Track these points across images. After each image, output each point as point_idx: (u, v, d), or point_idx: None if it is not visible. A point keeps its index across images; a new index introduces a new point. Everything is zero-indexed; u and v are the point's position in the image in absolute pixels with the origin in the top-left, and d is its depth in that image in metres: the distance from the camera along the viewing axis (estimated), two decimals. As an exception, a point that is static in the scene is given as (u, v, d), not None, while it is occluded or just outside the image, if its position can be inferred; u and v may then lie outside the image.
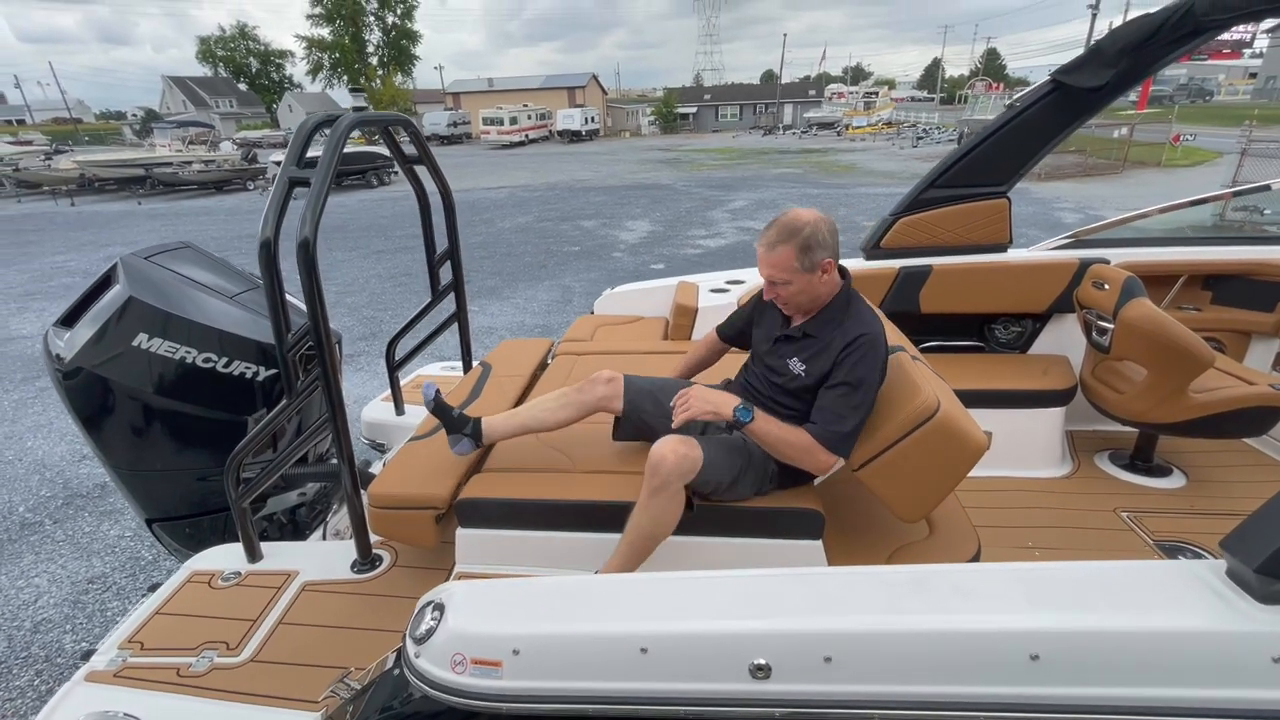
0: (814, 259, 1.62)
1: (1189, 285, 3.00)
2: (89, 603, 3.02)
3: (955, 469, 1.52)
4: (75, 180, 20.61)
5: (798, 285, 1.67)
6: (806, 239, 1.61)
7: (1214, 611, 0.92)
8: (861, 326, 1.66)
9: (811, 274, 1.65)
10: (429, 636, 1.11)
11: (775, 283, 1.69)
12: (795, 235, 1.62)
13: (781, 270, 1.65)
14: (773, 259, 1.66)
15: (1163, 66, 2.48)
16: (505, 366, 2.70)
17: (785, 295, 1.71)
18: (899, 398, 1.60)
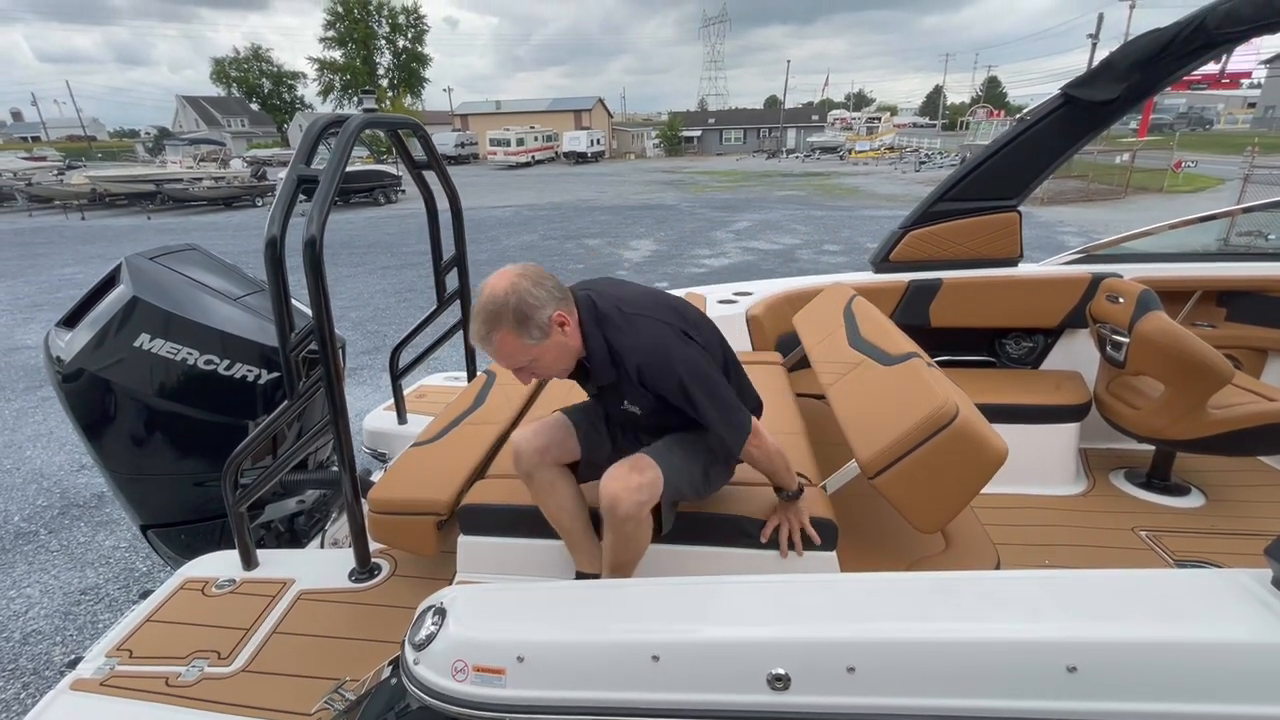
0: (540, 324, 1.37)
1: (1203, 301, 2.97)
2: (80, 614, 2.95)
3: (974, 478, 1.47)
4: (86, 195, 20.87)
5: (545, 358, 1.44)
6: (517, 312, 1.35)
7: (1262, 622, 0.87)
8: (635, 354, 1.43)
9: (546, 340, 1.40)
10: (429, 642, 1.06)
11: (523, 369, 1.46)
12: (503, 316, 1.36)
13: (517, 357, 1.42)
14: (499, 352, 1.41)
15: (1174, 81, 2.47)
16: (510, 375, 2.66)
17: (542, 372, 1.49)
18: (915, 403, 1.56)
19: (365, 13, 56.40)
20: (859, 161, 37.27)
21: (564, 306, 1.42)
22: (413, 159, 2.36)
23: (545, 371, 1.49)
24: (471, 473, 1.94)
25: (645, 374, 1.43)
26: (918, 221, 2.96)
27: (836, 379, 2.03)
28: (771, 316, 2.98)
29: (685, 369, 1.42)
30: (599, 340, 1.47)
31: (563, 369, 1.51)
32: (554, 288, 1.42)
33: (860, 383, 1.91)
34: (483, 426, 2.19)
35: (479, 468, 1.98)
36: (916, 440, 1.49)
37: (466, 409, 2.33)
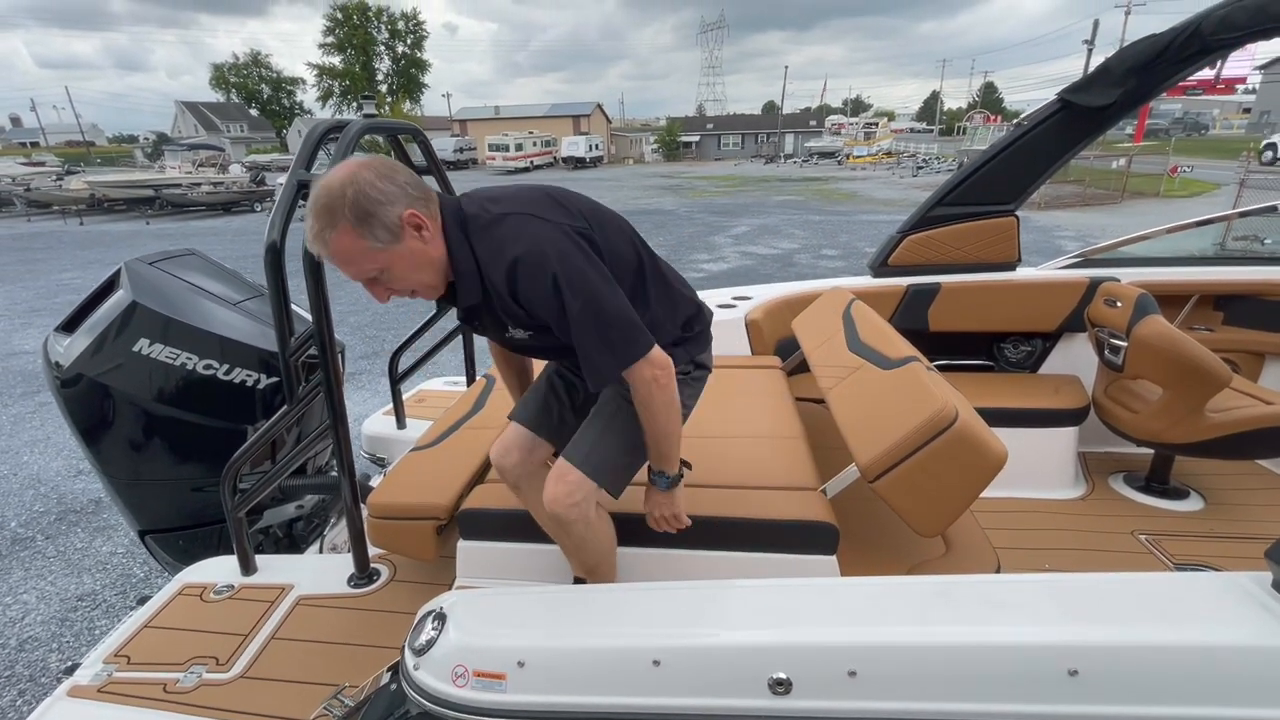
0: (387, 223, 1.14)
1: (1200, 305, 2.98)
2: (77, 620, 2.94)
3: (974, 481, 1.47)
4: (85, 200, 20.86)
5: (397, 268, 1.20)
6: (355, 206, 1.12)
7: (1263, 625, 0.87)
8: (501, 258, 1.19)
9: (397, 244, 1.17)
10: (429, 648, 1.05)
11: (371, 280, 1.22)
12: (337, 211, 1.12)
13: (361, 263, 1.18)
14: (337, 256, 1.17)
15: (1170, 86, 2.49)
16: None
17: (399, 286, 1.24)
18: (915, 407, 1.56)
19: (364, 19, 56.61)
20: (856, 167, 37.40)
21: (420, 206, 1.18)
22: (412, 164, 2.37)
23: (401, 285, 1.24)
24: (471, 477, 1.93)
25: (517, 283, 1.18)
26: (916, 226, 2.97)
27: (836, 383, 2.03)
28: (770, 321, 2.99)
29: (561, 268, 1.15)
30: (464, 248, 1.23)
31: (424, 284, 1.25)
32: (409, 183, 1.18)
33: (860, 387, 1.91)
34: (483, 430, 2.19)
35: (479, 472, 1.98)
36: (916, 444, 1.49)
37: (466, 413, 2.33)
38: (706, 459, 1.92)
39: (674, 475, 1.46)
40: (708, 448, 1.99)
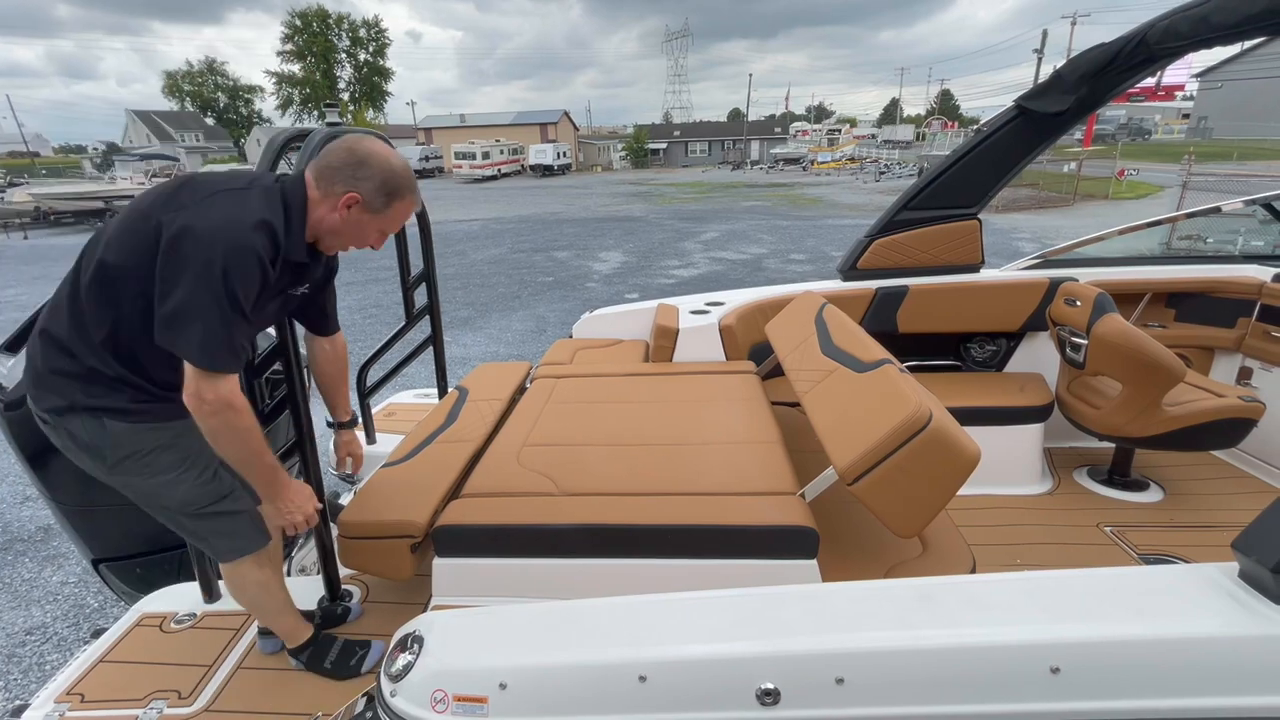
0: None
1: (1154, 303, 3.09)
2: (26, 656, 2.78)
3: (950, 481, 1.50)
4: (29, 213, 19.98)
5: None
6: None
7: (1232, 615, 0.89)
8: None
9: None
10: (406, 672, 1.02)
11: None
12: None
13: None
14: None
15: (1119, 93, 2.59)
16: (482, 390, 2.62)
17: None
18: (889, 409, 1.58)
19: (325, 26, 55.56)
20: (821, 172, 38.11)
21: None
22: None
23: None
24: (446, 492, 1.89)
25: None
26: (883, 230, 3.03)
27: (811, 387, 2.05)
28: (744, 326, 3.00)
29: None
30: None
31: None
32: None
33: (834, 390, 1.93)
34: (456, 444, 2.14)
35: (453, 487, 1.93)
36: (892, 446, 1.51)
37: (438, 426, 2.28)
38: (683, 466, 1.92)
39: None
40: (684, 455, 1.98)
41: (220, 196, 1.29)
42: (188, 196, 1.28)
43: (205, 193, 1.29)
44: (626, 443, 2.08)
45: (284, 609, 1.66)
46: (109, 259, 1.28)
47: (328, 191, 1.38)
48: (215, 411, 1.28)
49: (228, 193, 1.30)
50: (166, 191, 1.31)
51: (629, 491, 1.78)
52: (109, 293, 1.29)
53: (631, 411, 2.33)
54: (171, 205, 1.26)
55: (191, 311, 1.21)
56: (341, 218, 1.40)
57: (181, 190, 1.31)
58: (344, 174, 1.37)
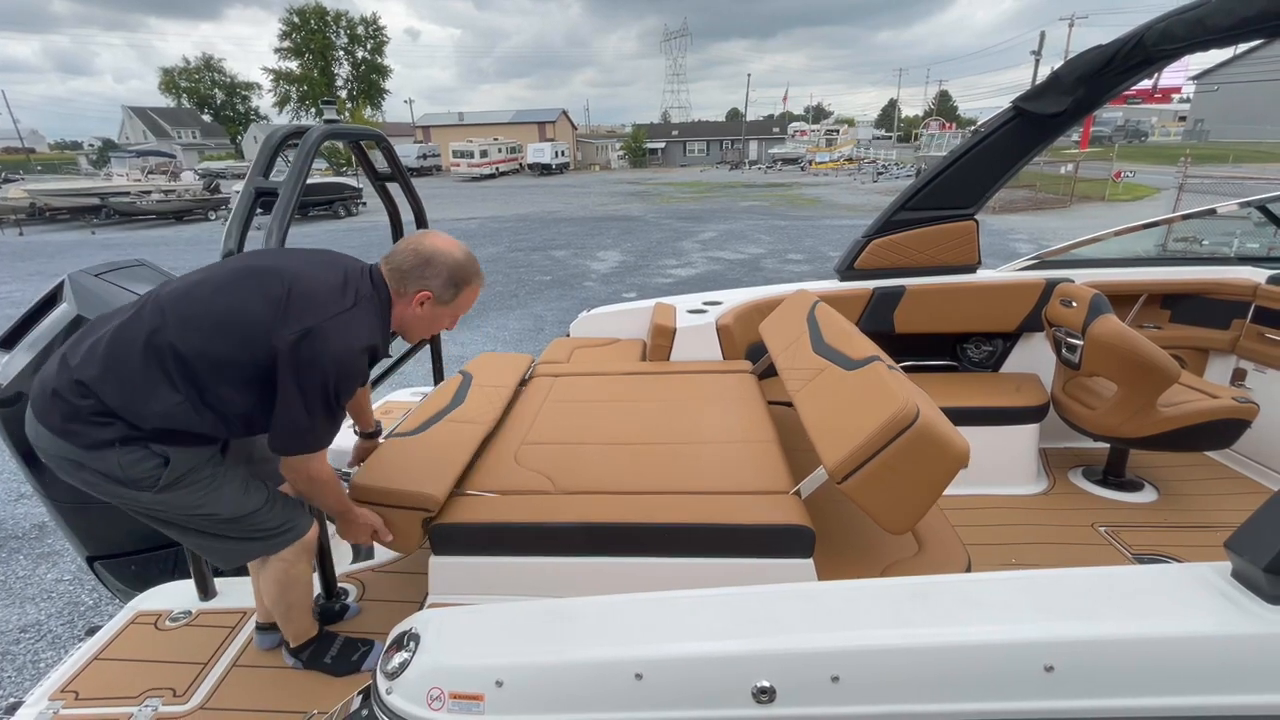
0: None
1: (1149, 304, 3.11)
2: (20, 654, 2.77)
3: (939, 476, 1.50)
4: (24, 209, 19.88)
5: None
6: None
7: (1225, 614, 0.90)
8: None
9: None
10: (402, 670, 1.02)
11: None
12: None
13: None
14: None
15: (1116, 95, 2.60)
16: (487, 377, 2.60)
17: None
18: (877, 406, 1.58)
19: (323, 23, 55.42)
20: (819, 172, 38.14)
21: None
22: (376, 171, 2.31)
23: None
24: (461, 470, 1.87)
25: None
26: (880, 230, 3.03)
27: (802, 385, 2.05)
28: (741, 326, 3.01)
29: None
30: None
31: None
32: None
33: (825, 388, 1.93)
34: (467, 425, 2.12)
35: (467, 466, 1.92)
36: (881, 443, 1.51)
37: (445, 406, 2.25)
38: (680, 465, 1.92)
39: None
40: (681, 454, 1.98)
41: (343, 318, 1.38)
42: (307, 316, 1.35)
43: (323, 315, 1.36)
44: (623, 441, 2.08)
45: (306, 607, 1.66)
46: (191, 346, 1.32)
47: (402, 292, 1.51)
48: (308, 480, 1.51)
49: (345, 315, 1.39)
50: (276, 305, 1.35)
51: (626, 490, 1.78)
52: (185, 371, 1.33)
53: (628, 410, 2.34)
54: (293, 324, 1.33)
55: (311, 415, 1.37)
56: (416, 314, 1.54)
57: (294, 305, 1.35)
58: (414, 275, 1.50)
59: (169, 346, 1.31)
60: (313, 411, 1.36)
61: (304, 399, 1.34)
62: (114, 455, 1.31)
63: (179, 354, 1.31)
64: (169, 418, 1.32)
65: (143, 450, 1.33)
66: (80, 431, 1.31)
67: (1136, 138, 49.05)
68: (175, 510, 1.43)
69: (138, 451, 1.33)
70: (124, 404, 1.31)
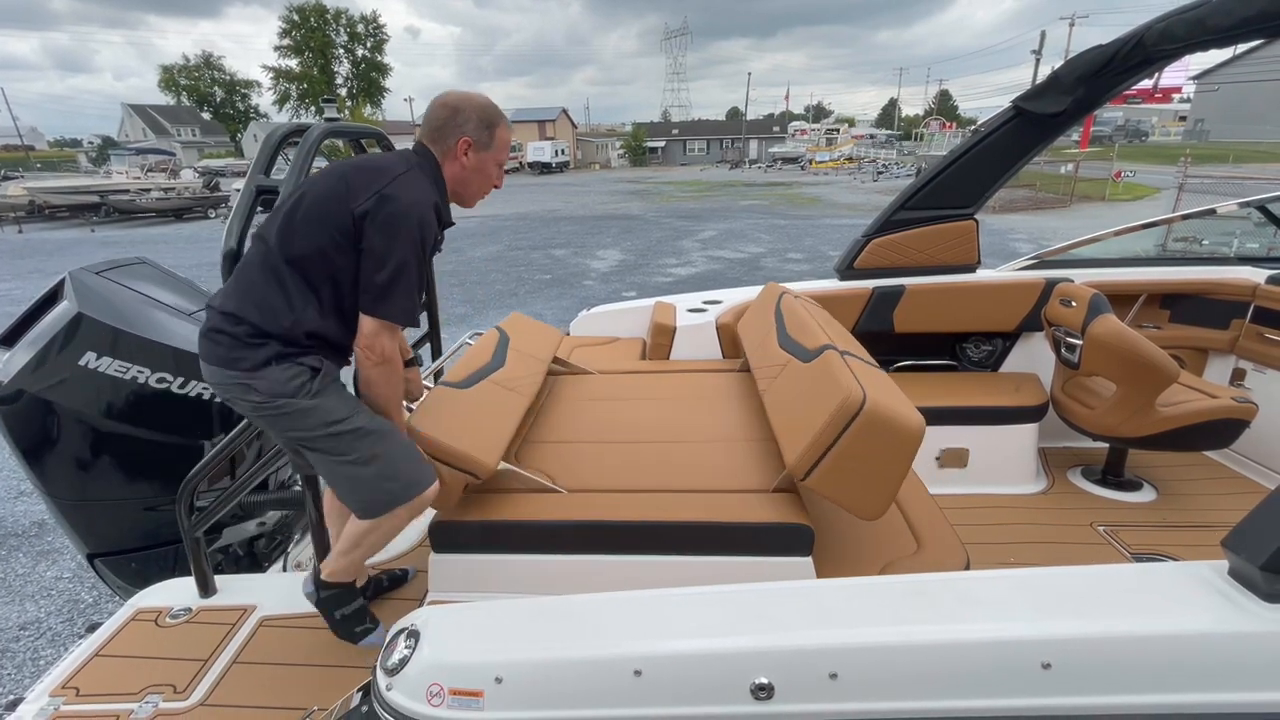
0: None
1: (1148, 304, 3.11)
2: (20, 651, 2.77)
3: (899, 456, 1.50)
4: (24, 207, 19.88)
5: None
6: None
7: (1222, 612, 0.90)
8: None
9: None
10: (402, 666, 1.02)
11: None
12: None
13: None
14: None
15: (1116, 95, 2.60)
16: (522, 342, 2.56)
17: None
18: (826, 398, 1.58)
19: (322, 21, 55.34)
20: (819, 172, 38.14)
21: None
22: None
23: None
24: (510, 442, 1.88)
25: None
26: (880, 230, 3.03)
27: (769, 383, 2.05)
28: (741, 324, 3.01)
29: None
30: None
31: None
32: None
33: (786, 384, 1.94)
34: (510, 393, 2.11)
35: (514, 438, 1.92)
36: (833, 435, 1.51)
37: (487, 363, 2.22)
38: (680, 463, 1.92)
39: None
40: (680, 452, 1.99)
41: (405, 178, 1.46)
42: (368, 182, 1.44)
43: (388, 177, 1.45)
44: (623, 440, 2.09)
45: (368, 553, 1.67)
46: (298, 249, 1.44)
47: (445, 149, 1.56)
48: (382, 361, 1.50)
49: (406, 175, 1.47)
50: (348, 183, 1.45)
51: (625, 488, 1.79)
52: (307, 275, 1.46)
53: (628, 409, 2.34)
54: (363, 193, 1.42)
55: (398, 278, 1.42)
56: (464, 166, 1.58)
57: (358, 177, 1.45)
58: (450, 127, 1.54)
59: (281, 261, 1.45)
60: (394, 271, 1.41)
61: (385, 257, 1.40)
62: (273, 371, 1.45)
63: (289, 264, 1.45)
64: (300, 324, 1.46)
65: (295, 365, 1.47)
66: (243, 356, 1.45)
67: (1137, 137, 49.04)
68: (329, 422, 1.50)
69: (292, 367, 1.47)
70: (265, 320, 1.45)
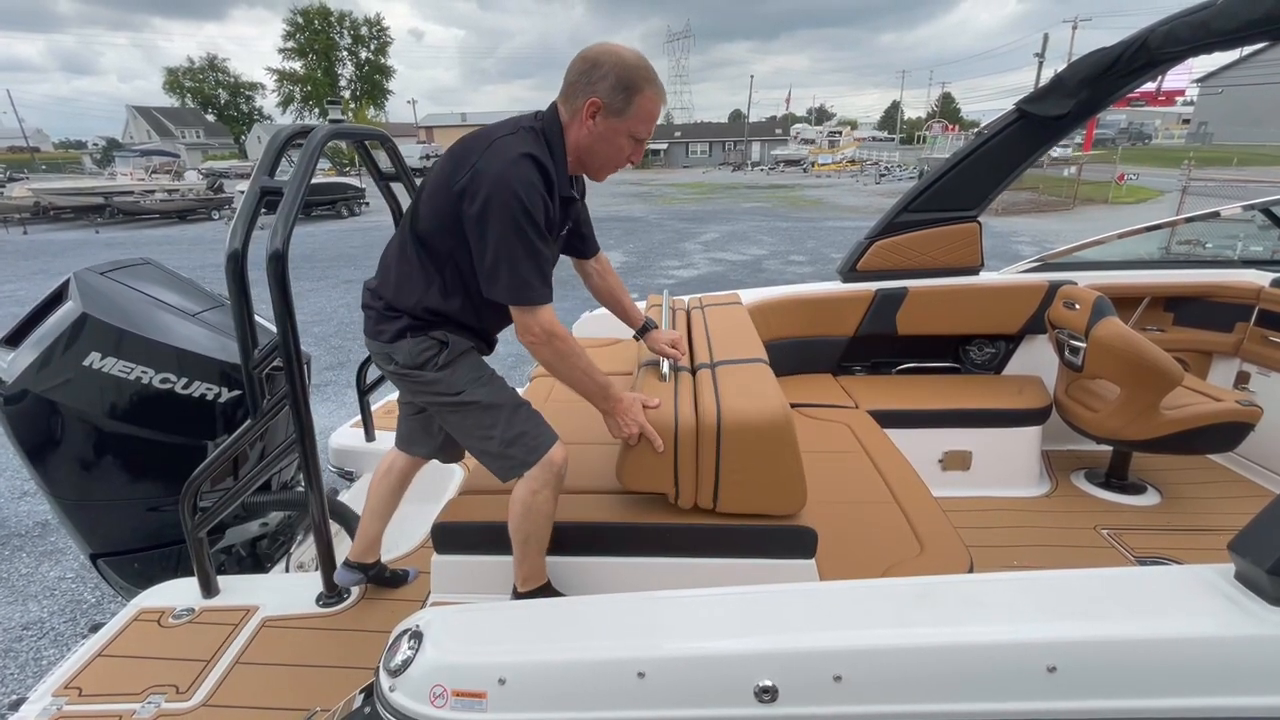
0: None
1: (1152, 307, 3.10)
2: (23, 651, 2.77)
3: (781, 447, 1.50)
4: (29, 208, 19.95)
5: None
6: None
7: (1229, 616, 0.90)
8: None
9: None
10: (405, 668, 1.02)
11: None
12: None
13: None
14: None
15: (1120, 97, 2.60)
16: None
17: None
18: (688, 424, 1.56)
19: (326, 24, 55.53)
20: (821, 174, 38.13)
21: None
22: (380, 171, 2.32)
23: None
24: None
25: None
26: (883, 232, 3.03)
27: None
28: None
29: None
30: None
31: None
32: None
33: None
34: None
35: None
36: (712, 458, 1.52)
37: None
38: None
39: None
40: None
41: (500, 144, 1.35)
42: (467, 155, 1.37)
43: (481, 146, 1.36)
44: None
45: (542, 544, 1.61)
46: (422, 228, 1.45)
47: (573, 109, 1.39)
48: (544, 341, 1.42)
49: (499, 140, 1.36)
50: (454, 158, 1.40)
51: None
52: (430, 255, 1.46)
53: None
54: (462, 167, 1.35)
55: (501, 255, 1.33)
56: (589, 132, 1.40)
57: (461, 151, 1.39)
58: (581, 84, 1.37)
59: (411, 240, 1.47)
60: (495, 250, 1.32)
61: (483, 237, 1.32)
62: (407, 344, 1.49)
63: (418, 243, 1.46)
64: (423, 303, 1.47)
65: (426, 339, 1.50)
66: (384, 329, 1.51)
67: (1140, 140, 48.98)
68: (449, 394, 1.52)
69: (423, 340, 1.49)
70: (398, 296, 1.49)
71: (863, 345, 3.12)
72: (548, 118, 1.43)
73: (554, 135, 1.40)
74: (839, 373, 3.17)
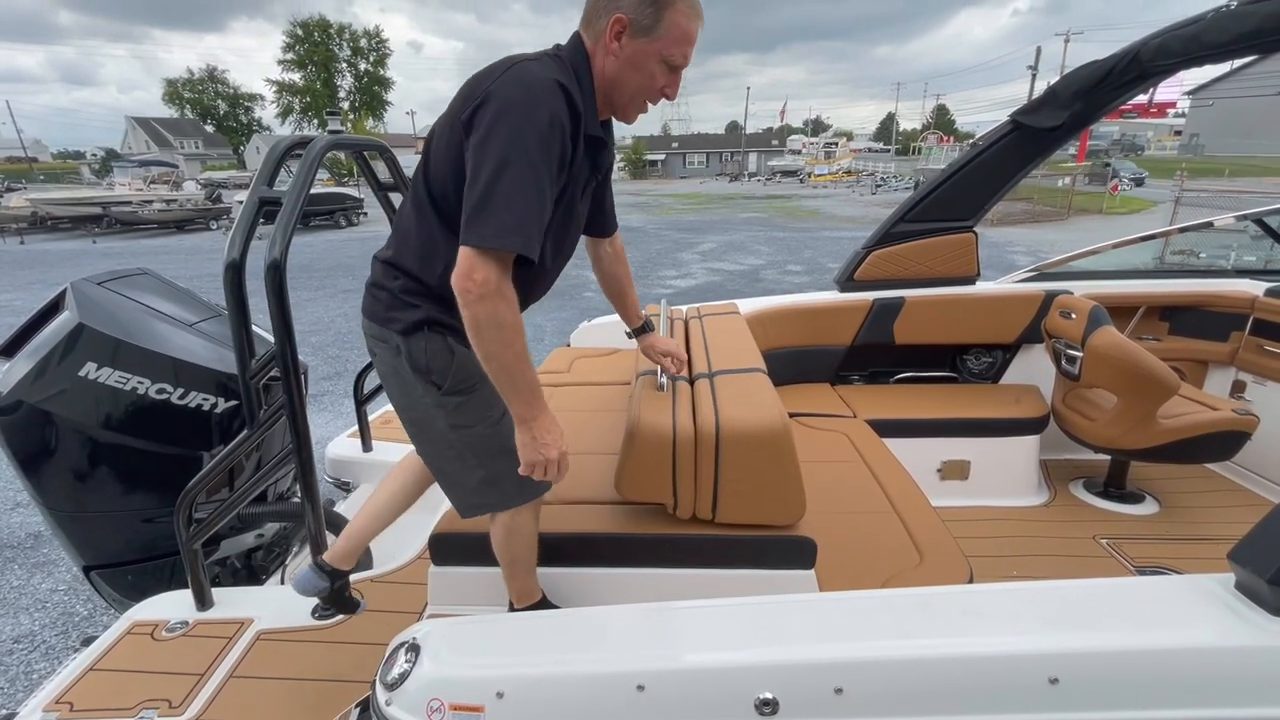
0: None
1: (1148, 316, 3.12)
2: (13, 665, 2.74)
3: (780, 456, 1.50)
4: (26, 218, 19.96)
5: None
6: None
7: (1229, 626, 0.89)
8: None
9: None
10: (402, 681, 1.01)
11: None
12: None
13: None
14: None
15: (1113, 109, 2.62)
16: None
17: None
18: (686, 435, 1.55)
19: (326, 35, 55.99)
20: (818, 185, 38.39)
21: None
22: (379, 181, 2.33)
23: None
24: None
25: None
26: (880, 242, 3.05)
27: None
28: None
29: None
30: None
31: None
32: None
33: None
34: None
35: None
36: (712, 466, 1.51)
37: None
38: None
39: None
40: None
41: (520, 67, 1.14)
42: (480, 80, 1.16)
43: (499, 70, 1.15)
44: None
45: (530, 564, 1.57)
46: (435, 181, 1.22)
47: (596, 34, 1.20)
48: (483, 296, 1.09)
49: (521, 64, 1.16)
50: (467, 88, 1.18)
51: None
52: (445, 216, 1.22)
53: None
54: (473, 95, 1.14)
55: (498, 185, 1.06)
56: (616, 57, 1.20)
57: (471, 82, 1.18)
58: (603, 2, 1.19)
59: (427, 198, 1.24)
60: (491, 176, 1.06)
61: (481, 161, 1.07)
62: (421, 339, 1.28)
63: (433, 199, 1.23)
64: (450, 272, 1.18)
65: (443, 341, 1.28)
66: (398, 317, 1.28)
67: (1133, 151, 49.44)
68: (452, 418, 1.34)
69: (439, 341, 1.28)
70: (420, 267, 1.26)
71: (860, 355, 3.12)
72: (572, 46, 1.23)
73: (580, 65, 1.21)
74: (837, 382, 3.17)
